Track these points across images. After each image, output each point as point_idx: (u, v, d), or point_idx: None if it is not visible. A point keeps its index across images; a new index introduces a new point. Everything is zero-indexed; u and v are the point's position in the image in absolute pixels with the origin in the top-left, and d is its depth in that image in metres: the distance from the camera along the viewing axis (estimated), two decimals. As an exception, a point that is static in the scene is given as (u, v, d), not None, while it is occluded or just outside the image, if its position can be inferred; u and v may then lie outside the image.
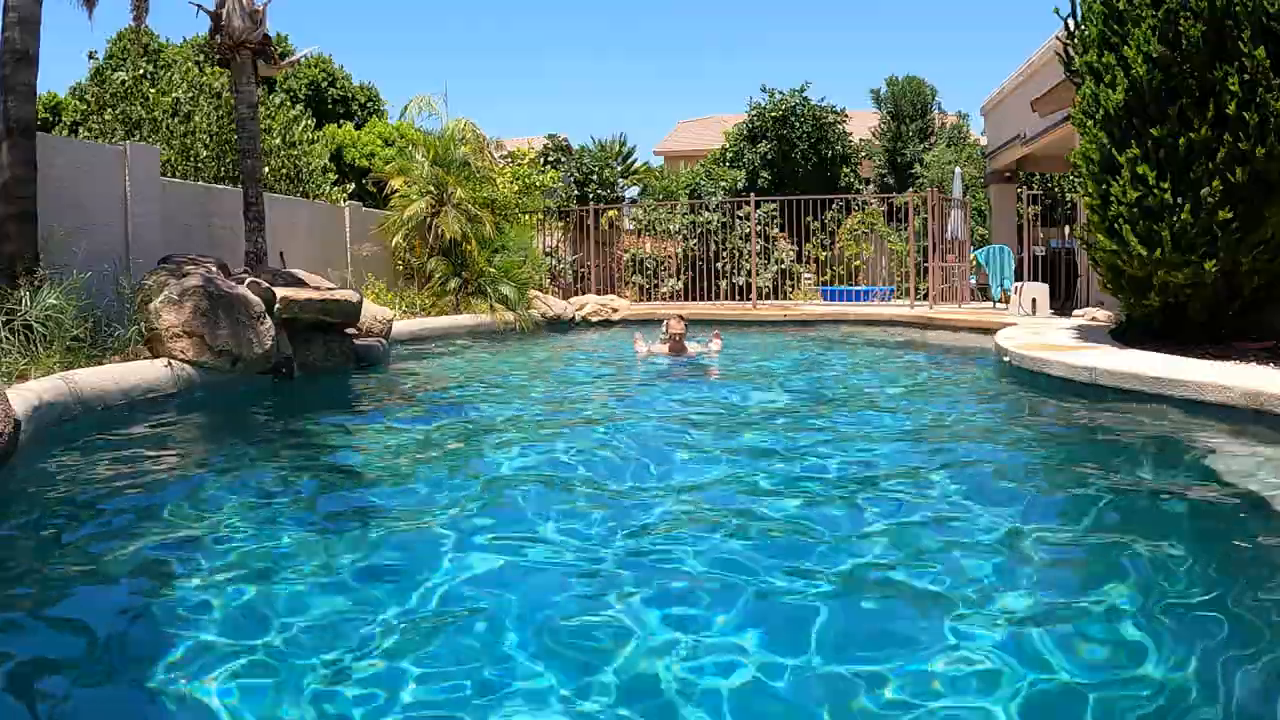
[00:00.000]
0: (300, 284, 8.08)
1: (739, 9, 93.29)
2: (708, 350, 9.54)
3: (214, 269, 7.28)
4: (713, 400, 7.08)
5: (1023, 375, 7.00)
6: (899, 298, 17.10)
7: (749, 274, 16.92)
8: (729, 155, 20.61)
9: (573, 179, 19.00)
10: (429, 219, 13.27)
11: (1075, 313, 11.37)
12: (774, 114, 19.87)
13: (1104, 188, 7.32)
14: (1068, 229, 17.30)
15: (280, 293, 7.47)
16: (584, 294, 16.78)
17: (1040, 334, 8.69)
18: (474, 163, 14.73)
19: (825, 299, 17.21)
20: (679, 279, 18.11)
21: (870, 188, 21.74)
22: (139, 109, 12.05)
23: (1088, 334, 8.63)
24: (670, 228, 18.37)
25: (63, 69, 57.48)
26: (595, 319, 14.98)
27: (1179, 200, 6.71)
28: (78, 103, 16.23)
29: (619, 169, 20.09)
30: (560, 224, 18.50)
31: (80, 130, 12.93)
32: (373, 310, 9.22)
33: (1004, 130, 16.54)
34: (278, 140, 13.30)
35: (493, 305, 13.19)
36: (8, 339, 5.82)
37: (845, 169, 20.53)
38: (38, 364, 5.66)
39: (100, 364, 6.10)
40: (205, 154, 11.99)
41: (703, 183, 19.46)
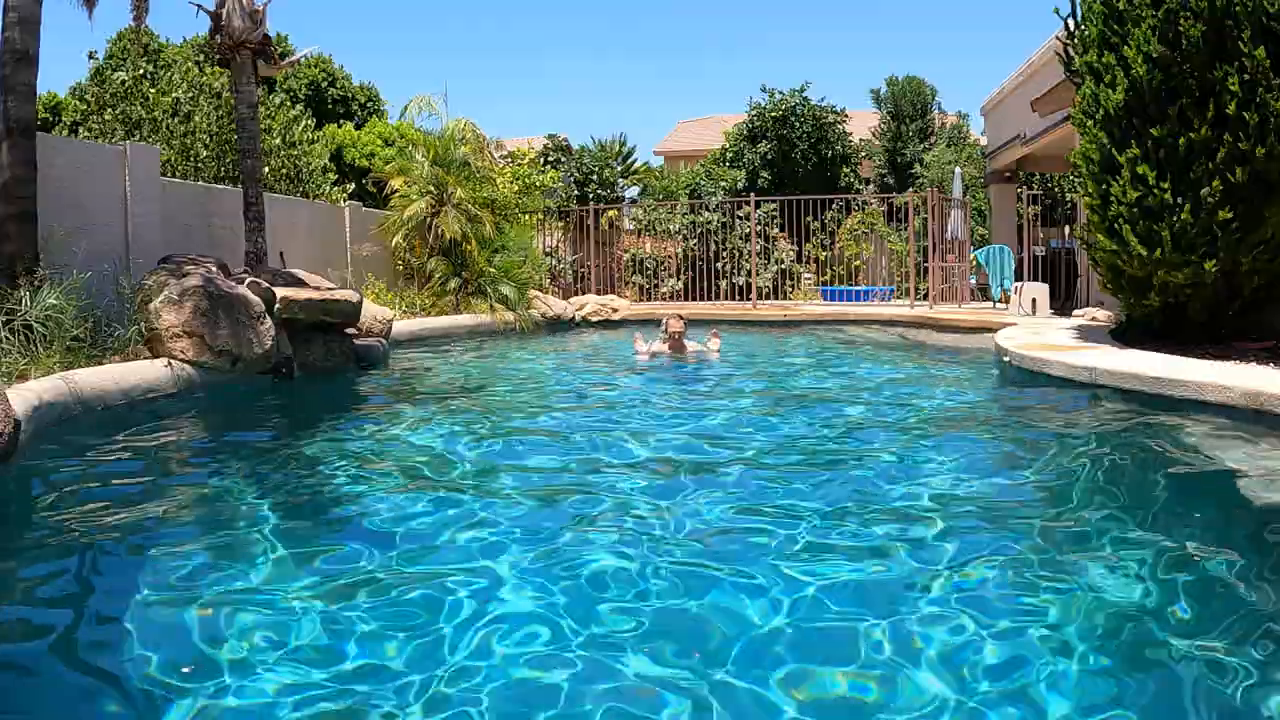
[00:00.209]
0: (300, 284, 8.08)
1: (739, 9, 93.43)
2: (707, 349, 9.53)
3: (214, 269, 7.28)
4: (712, 398, 7.09)
5: (1023, 375, 7.00)
6: (899, 298, 17.10)
7: (749, 274, 16.93)
8: (729, 155, 20.61)
9: (573, 179, 19.00)
10: (429, 219, 13.28)
11: (1075, 313, 11.37)
12: (774, 114, 19.87)
13: (1104, 188, 7.32)
14: (1068, 229, 17.31)
15: (280, 293, 7.47)
16: (584, 294, 16.78)
17: (1040, 334, 8.69)
18: (474, 163, 14.73)
19: (825, 299, 17.21)
20: (679, 279, 18.11)
21: (870, 188, 21.74)
22: (139, 109, 12.05)
23: (1088, 334, 8.63)
24: (670, 228, 18.38)
25: (63, 69, 57.57)
26: (595, 319, 14.98)
27: (1179, 200, 6.71)
28: (78, 103, 16.23)
29: (619, 169, 20.09)
30: (560, 224, 18.50)
31: (80, 130, 12.93)
32: (373, 310, 9.22)
33: (1004, 130, 16.54)
34: (278, 140, 13.31)
35: (493, 305, 13.19)
36: (8, 339, 5.82)
37: (845, 169, 20.53)
38: (38, 364, 5.66)
39: (100, 364, 6.10)
40: (205, 154, 11.99)
41: (703, 183, 19.47)
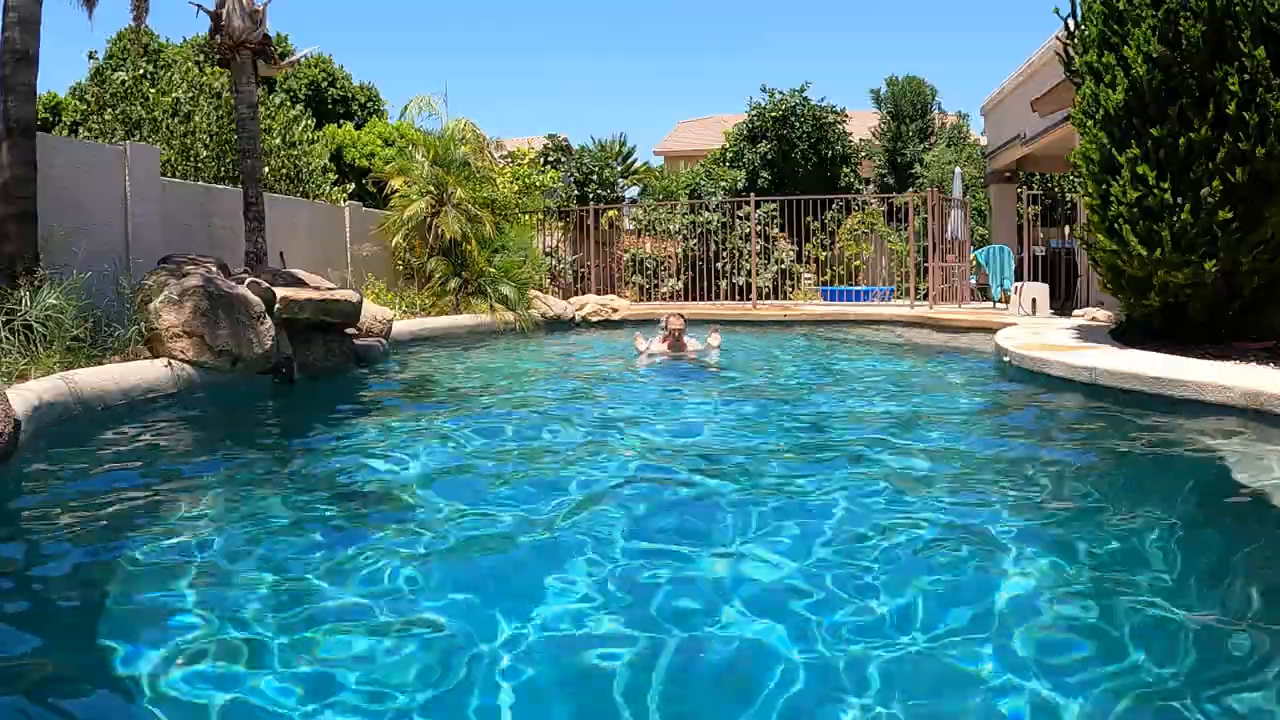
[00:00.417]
0: (300, 284, 8.08)
1: (739, 9, 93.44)
2: (707, 348, 9.54)
3: (214, 269, 7.28)
4: (711, 395, 7.08)
5: (1023, 375, 7.00)
6: (899, 298, 17.09)
7: (749, 274, 16.92)
8: (729, 155, 20.61)
9: (573, 179, 19.00)
10: (429, 219, 13.27)
11: (1075, 313, 11.37)
12: (774, 114, 19.87)
13: (1104, 188, 7.32)
14: (1068, 229, 17.31)
15: (280, 293, 7.47)
16: (584, 294, 16.77)
17: (1040, 334, 8.69)
18: (474, 163, 14.73)
19: (825, 299, 17.21)
20: (679, 279, 18.11)
21: (870, 188, 21.74)
22: (139, 109, 12.05)
23: (1088, 334, 8.63)
24: (670, 228, 18.37)
25: (63, 69, 57.60)
26: (595, 319, 14.98)
27: (1179, 200, 6.71)
28: (78, 103, 16.23)
29: (619, 169, 20.08)
30: (560, 224, 18.50)
31: (80, 130, 12.93)
32: (373, 310, 9.22)
33: (1004, 130, 16.54)
34: (278, 140, 13.30)
35: (493, 305, 13.18)
36: (8, 339, 5.83)
37: (845, 169, 20.53)
38: (38, 364, 5.66)
39: (100, 364, 6.10)
40: (205, 154, 11.99)
41: (703, 183, 19.46)
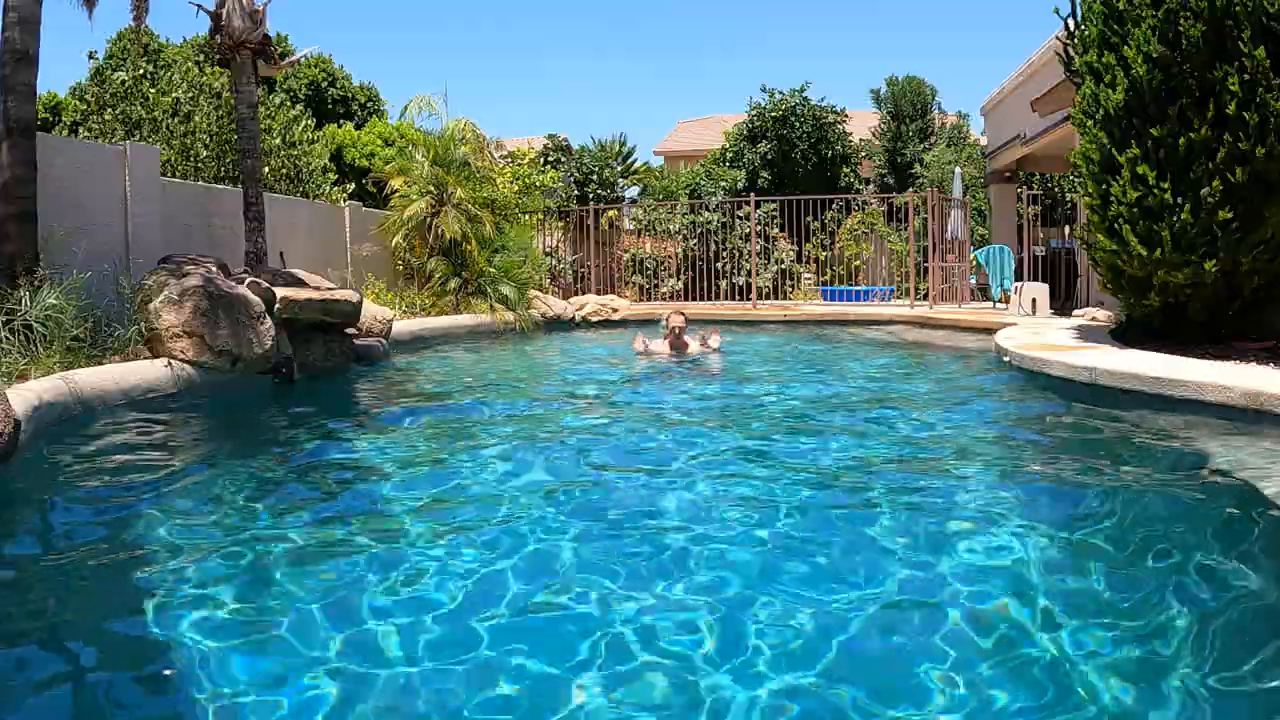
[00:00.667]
0: (300, 284, 8.08)
1: (739, 9, 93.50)
2: (707, 347, 9.54)
3: (214, 269, 7.28)
4: (711, 397, 7.08)
5: (1023, 375, 7.00)
6: (899, 298, 17.10)
7: (749, 274, 16.93)
8: (729, 155, 20.61)
9: (573, 179, 19.00)
10: (429, 219, 13.27)
11: (1075, 313, 11.37)
12: (774, 114, 19.87)
13: (1104, 188, 7.32)
14: (1068, 229, 17.31)
15: (280, 293, 7.47)
16: (584, 294, 16.77)
17: (1040, 334, 8.69)
18: (474, 163, 14.73)
19: (825, 299, 17.21)
20: (679, 279, 18.11)
21: (870, 188, 21.75)
22: (139, 109, 12.05)
23: (1088, 334, 8.63)
24: (670, 228, 18.38)
25: (63, 69, 57.63)
26: (595, 319, 14.98)
27: (1179, 200, 6.71)
28: (78, 103, 16.23)
29: (619, 169, 20.09)
30: (560, 224, 18.50)
31: (80, 130, 12.93)
32: (373, 310, 9.22)
33: (1004, 130, 16.54)
34: (278, 140, 13.30)
35: (493, 305, 13.18)
36: (8, 339, 5.82)
37: (845, 169, 20.53)
38: (38, 364, 5.66)
39: (100, 364, 6.10)
40: (205, 154, 11.99)
41: (703, 183, 19.46)
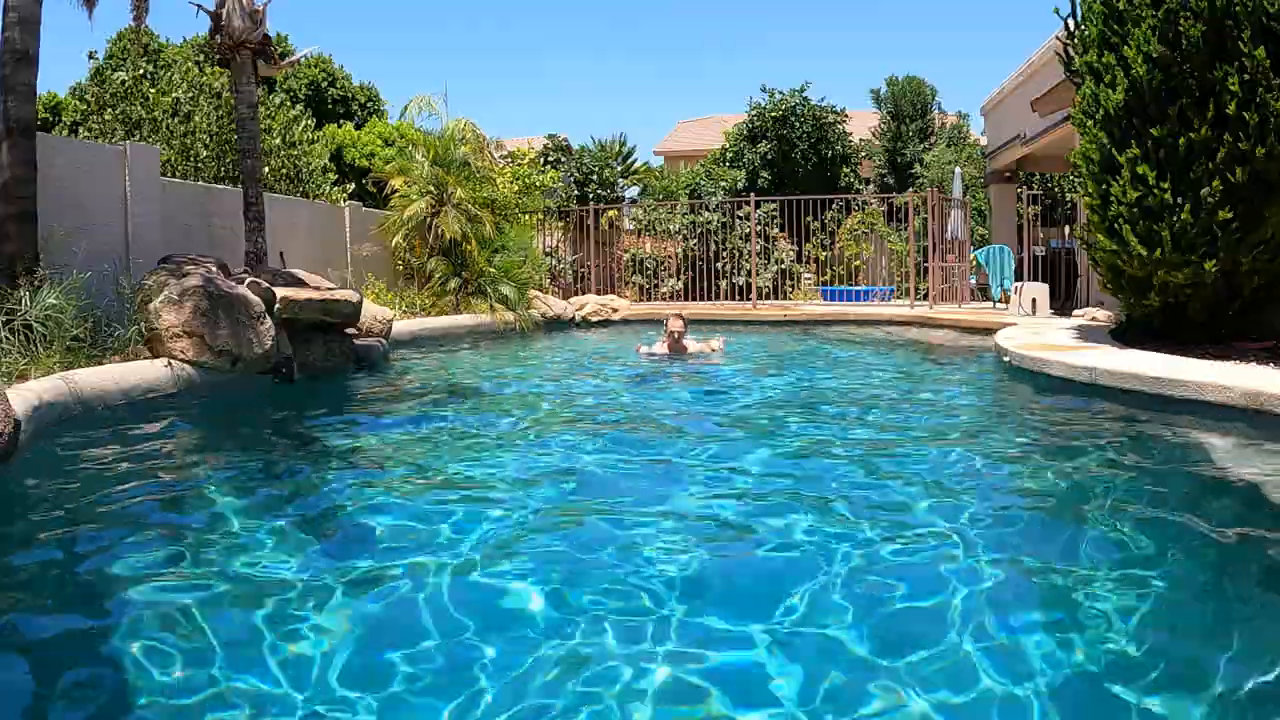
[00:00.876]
0: (300, 284, 8.08)
1: (739, 9, 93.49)
2: (707, 349, 9.53)
3: (214, 269, 7.28)
4: (711, 397, 7.09)
5: (1023, 375, 7.00)
6: (899, 298, 17.10)
7: (749, 274, 16.93)
8: (729, 155, 20.62)
9: (573, 179, 19.00)
10: (429, 219, 13.27)
11: (1075, 313, 11.37)
12: (774, 114, 19.87)
13: (1104, 188, 7.32)
14: (1068, 229, 17.31)
15: (280, 293, 7.47)
16: (584, 294, 16.78)
17: (1040, 334, 8.69)
18: (474, 163, 14.73)
19: (825, 299, 17.21)
20: (679, 279, 18.11)
21: (870, 188, 21.75)
22: (139, 109, 12.05)
23: (1088, 334, 8.63)
24: (670, 228, 18.38)
25: (63, 69, 57.62)
26: (595, 319, 14.98)
27: (1179, 200, 6.71)
28: (78, 103, 16.23)
29: (619, 169, 20.09)
30: (560, 224, 18.50)
31: (80, 130, 12.93)
32: (373, 310, 9.22)
33: (1004, 130, 16.54)
34: (278, 140, 13.30)
35: (493, 305, 13.18)
36: (8, 339, 5.82)
37: (845, 169, 20.54)
38: (38, 364, 5.66)
39: (100, 364, 6.10)
40: (205, 154, 11.99)
41: (703, 183, 19.47)
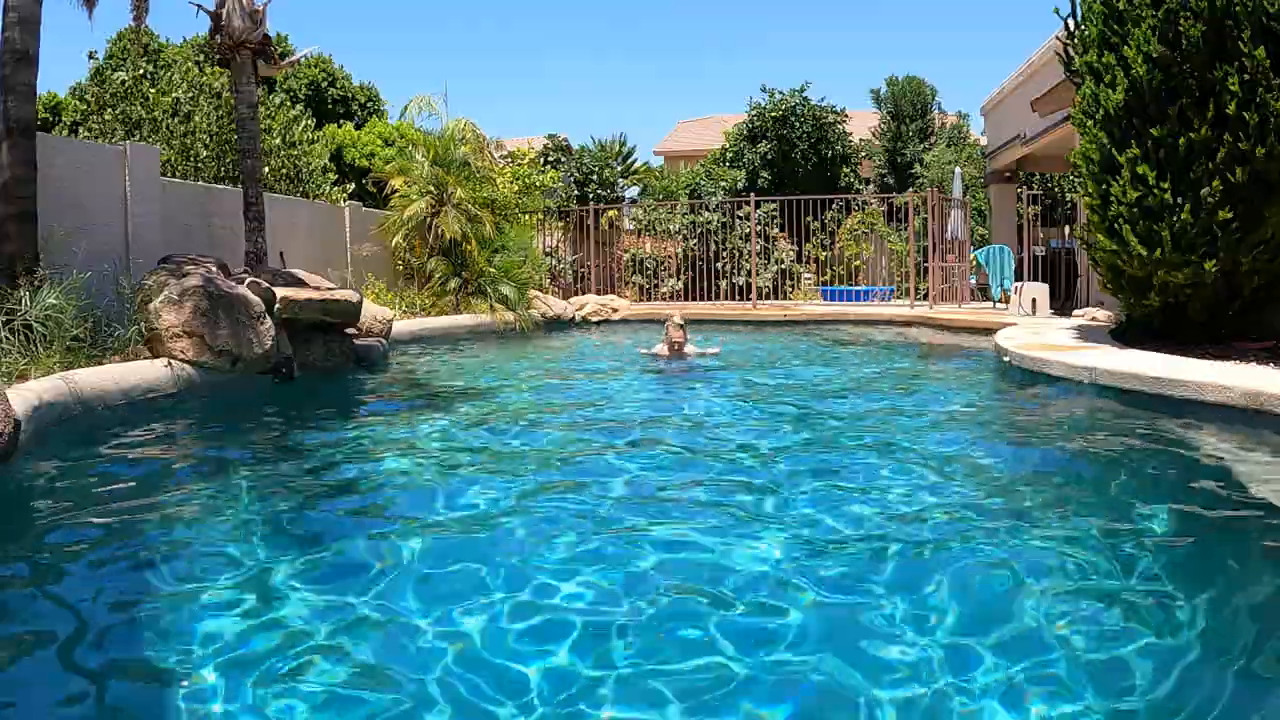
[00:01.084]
0: (300, 284, 8.08)
1: (739, 9, 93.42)
2: (706, 351, 9.63)
3: (214, 269, 7.28)
4: (710, 396, 7.08)
5: (1023, 375, 7.00)
6: (899, 298, 17.10)
7: (749, 274, 16.92)
8: (729, 155, 20.61)
9: (573, 179, 19.00)
10: (429, 219, 13.28)
11: (1075, 313, 11.37)
12: (774, 114, 19.87)
13: (1104, 188, 7.32)
14: (1068, 229, 17.31)
15: (280, 293, 7.47)
16: (584, 294, 16.79)
17: (1040, 334, 8.69)
18: (474, 163, 14.73)
19: (825, 299, 17.21)
20: (679, 279, 18.11)
21: (870, 188, 21.75)
22: (139, 109, 12.05)
23: (1088, 334, 8.63)
24: (670, 228, 18.38)
25: (63, 69, 57.58)
26: (595, 319, 14.98)
27: (1179, 200, 6.71)
28: (78, 103, 16.23)
29: (619, 169, 20.09)
30: (560, 224, 18.50)
31: (80, 130, 12.93)
32: (373, 310, 9.22)
33: (1004, 130, 16.54)
34: (278, 140, 13.30)
35: (493, 305, 13.19)
36: (8, 339, 5.82)
37: (845, 169, 20.53)
38: (38, 364, 5.66)
39: (100, 364, 6.10)
40: (205, 154, 11.99)
41: (703, 183, 19.46)
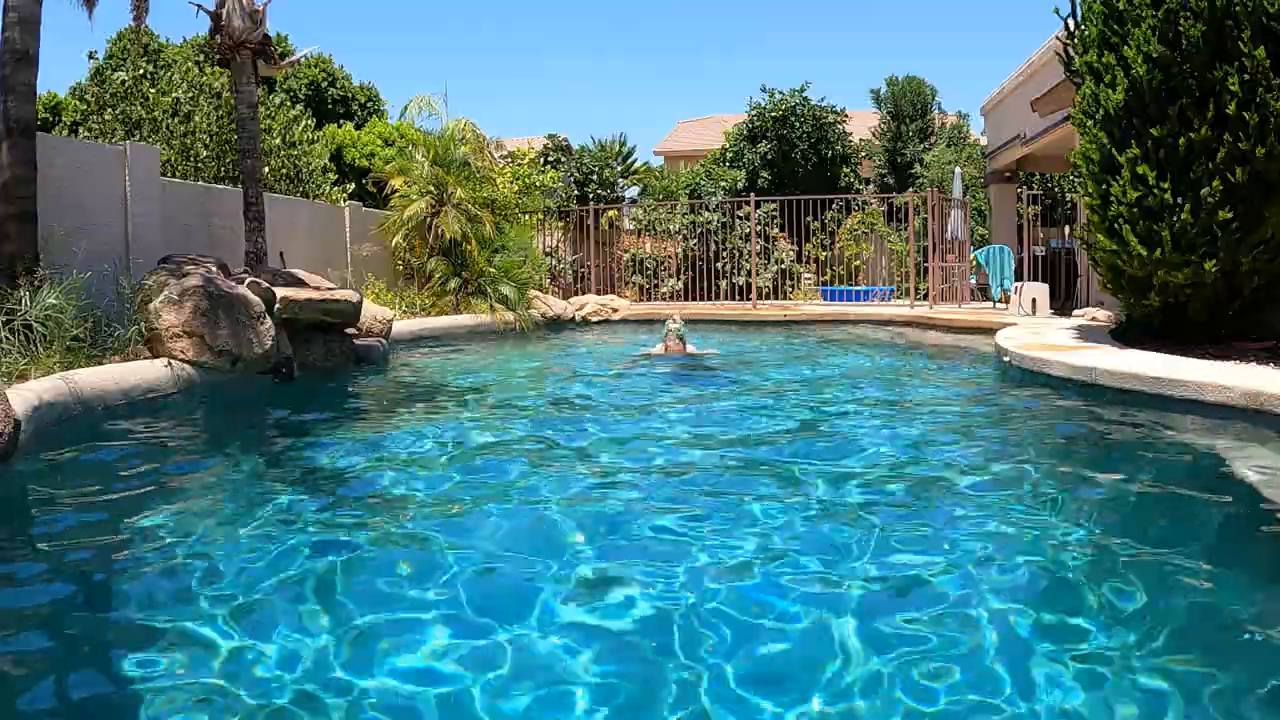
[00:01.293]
0: (300, 284, 8.08)
1: (739, 9, 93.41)
2: (705, 351, 9.67)
3: (214, 269, 7.28)
4: (707, 396, 7.09)
5: (1023, 375, 7.00)
6: (899, 298, 17.10)
7: (749, 274, 16.93)
8: (729, 155, 20.61)
9: (573, 179, 19.00)
10: (429, 219, 13.28)
11: (1075, 313, 11.37)
12: (774, 114, 19.87)
13: (1104, 188, 7.32)
14: (1068, 229, 17.31)
15: (280, 293, 7.47)
16: (584, 294, 16.79)
17: (1040, 334, 8.69)
18: (474, 163, 14.74)
19: (825, 299, 17.21)
20: (679, 279, 18.11)
21: (870, 188, 21.75)
22: (139, 109, 12.05)
23: (1088, 334, 8.63)
24: (670, 228, 18.38)
25: (63, 69, 57.57)
26: (595, 319, 14.98)
27: (1179, 200, 6.71)
28: (78, 103, 16.23)
29: (619, 169, 20.09)
30: (560, 224, 18.50)
31: (80, 130, 12.93)
32: (373, 310, 9.22)
33: (1004, 130, 16.54)
34: (278, 140, 13.31)
35: (493, 305, 13.19)
36: (8, 339, 5.82)
37: (845, 169, 20.53)
38: (38, 364, 5.66)
39: (100, 364, 6.10)
40: (205, 154, 11.99)
41: (703, 183, 19.47)
